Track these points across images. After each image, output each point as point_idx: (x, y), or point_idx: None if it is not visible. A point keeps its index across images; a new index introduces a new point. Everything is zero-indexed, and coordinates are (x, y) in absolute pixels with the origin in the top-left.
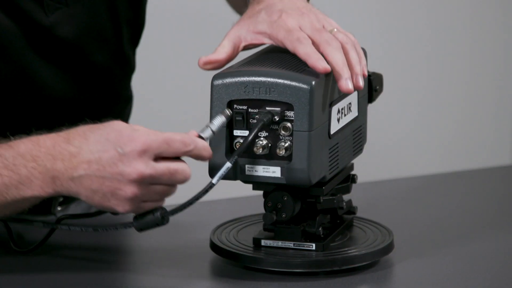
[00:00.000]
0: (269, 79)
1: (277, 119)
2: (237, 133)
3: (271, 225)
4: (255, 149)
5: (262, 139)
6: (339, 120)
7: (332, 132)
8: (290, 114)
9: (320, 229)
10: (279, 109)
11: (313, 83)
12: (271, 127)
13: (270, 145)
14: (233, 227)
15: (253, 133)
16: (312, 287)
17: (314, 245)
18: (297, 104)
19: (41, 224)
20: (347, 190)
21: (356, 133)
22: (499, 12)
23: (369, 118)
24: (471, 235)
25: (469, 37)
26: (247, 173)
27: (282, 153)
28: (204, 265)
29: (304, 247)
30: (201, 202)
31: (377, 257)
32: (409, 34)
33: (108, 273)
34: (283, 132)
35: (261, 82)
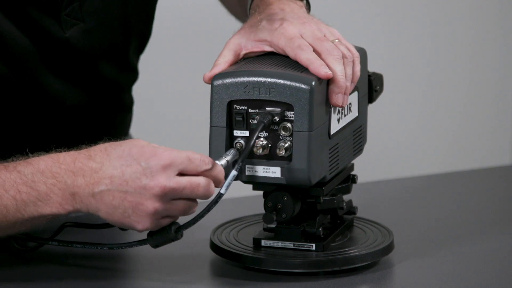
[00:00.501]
0: (269, 80)
1: (277, 120)
2: (237, 133)
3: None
4: (255, 150)
5: (262, 139)
6: (339, 120)
7: (332, 132)
8: (290, 114)
9: (320, 229)
10: (279, 109)
11: (313, 83)
12: (271, 128)
13: (270, 145)
14: (233, 227)
15: (255, 136)
16: (312, 287)
17: (314, 245)
18: (297, 104)
19: (56, 243)
20: (347, 190)
21: (356, 133)
22: (499, 12)
23: (370, 118)
24: (471, 235)
25: (469, 38)
26: (247, 173)
27: (282, 153)
28: (204, 265)
29: (304, 247)
30: (201, 202)
31: (377, 257)
32: (409, 34)
33: (108, 273)
34: (283, 132)
35: (261, 82)
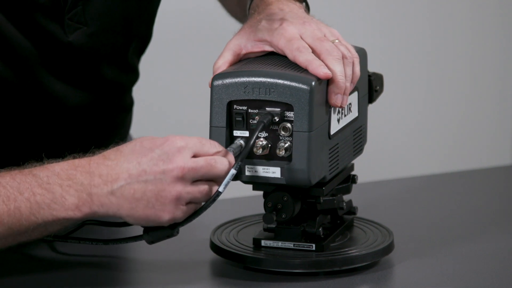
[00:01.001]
0: (269, 80)
1: (277, 120)
2: (237, 133)
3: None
4: (255, 150)
5: (262, 139)
6: (339, 120)
7: (332, 132)
8: (290, 114)
9: (320, 229)
10: (279, 109)
11: (313, 83)
12: (271, 128)
13: (270, 145)
14: (233, 228)
15: (254, 136)
16: (312, 287)
17: (314, 245)
18: (297, 104)
19: (51, 238)
20: (348, 190)
21: (356, 133)
22: (499, 12)
23: (370, 118)
24: (471, 235)
25: (469, 37)
26: (247, 173)
27: (282, 153)
28: (204, 265)
29: (304, 247)
30: None
31: (377, 257)
32: (409, 34)
33: (108, 272)
34: (283, 132)
35: (261, 82)
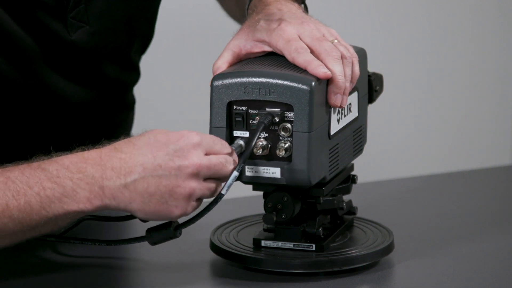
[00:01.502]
0: (269, 80)
1: (277, 120)
2: (236, 133)
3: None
4: (255, 150)
5: (262, 140)
6: (339, 120)
7: (332, 132)
8: (290, 115)
9: (320, 229)
10: (279, 110)
11: (313, 84)
12: (271, 128)
13: (270, 146)
14: (233, 228)
15: (255, 138)
16: (312, 287)
17: (314, 245)
18: (297, 105)
19: (53, 238)
20: (347, 190)
21: (356, 133)
22: (499, 12)
23: (369, 118)
24: (471, 235)
25: (469, 37)
26: (247, 174)
27: (282, 154)
28: (204, 265)
29: (304, 247)
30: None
31: (378, 257)
32: (409, 34)
33: (108, 271)
34: (283, 133)
35: (261, 83)
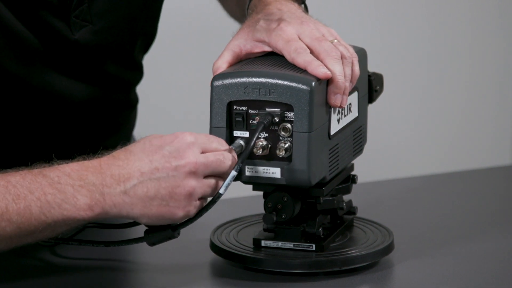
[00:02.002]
0: (269, 80)
1: (277, 120)
2: (237, 134)
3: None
4: (255, 150)
5: (262, 140)
6: (339, 120)
7: (332, 132)
8: (290, 115)
9: (320, 229)
10: (279, 110)
11: (313, 84)
12: (271, 128)
13: (270, 146)
14: (233, 228)
15: (254, 138)
16: (312, 287)
17: (314, 245)
18: (297, 105)
19: (52, 240)
20: (347, 190)
21: (356, 133)
22: (499, 12)
23: (369, 118)
24: (471, 235)
25: (469, 37)
26: (247, 174)
27: (282, 154)
28: (204, 265)
29: (304, 247)
30: None
31: (377, 257)
32: (409, 34)
33: (108, 272)
34: (283, 133)
35: (261, 83)
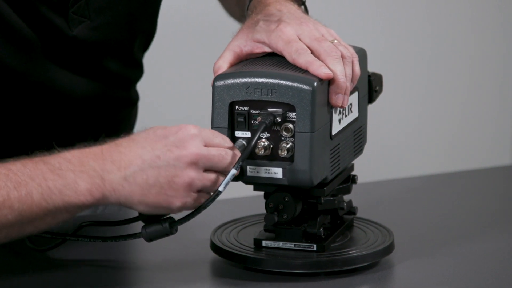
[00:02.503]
0: (271, 80)
1: (279, 120)
2: (238, 134)
3: (272, 226)
4: (256, 150)
5: (263, 140)
6: (340, 121)
7: (333, 133)
8: (292, 115)
9: (321, 229)
10: (281, 110)
11: (315, 84)
12: (273, 128)
13: (271, 146)
14: (233, 228)
15: (256, 137)
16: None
17: (315, 246)
18: (299, 105)
19: (49, 235)
20: (348, 190)
21: (356, 133)
22: (499, 12)
23: (370, 118)
24: (471, 235)
25: (469, 37)
26: (249, 174)
27: (284, 154)
28: (204, 265)
29: (305, 248)
30: None
31: (378, 257)
32: (409, 34)
33: (108, 272)
34: (285, 133)
35: (263, 83)
